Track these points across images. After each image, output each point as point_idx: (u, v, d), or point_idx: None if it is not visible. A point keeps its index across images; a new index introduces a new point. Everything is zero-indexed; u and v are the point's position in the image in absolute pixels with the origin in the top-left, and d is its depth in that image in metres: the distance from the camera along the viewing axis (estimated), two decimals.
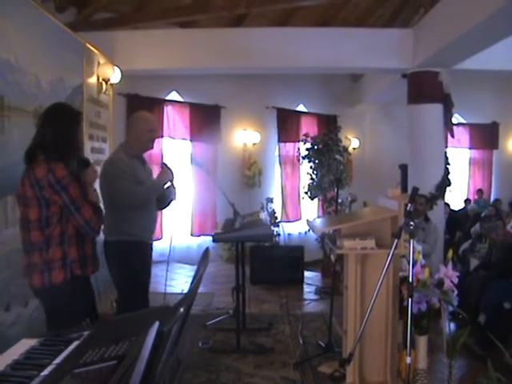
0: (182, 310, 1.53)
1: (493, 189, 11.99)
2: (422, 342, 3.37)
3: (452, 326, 4.05)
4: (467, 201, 11.17)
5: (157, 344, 1.35)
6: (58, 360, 1.50)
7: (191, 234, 9.31)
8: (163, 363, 1.36)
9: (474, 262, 5.86)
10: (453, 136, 7.46)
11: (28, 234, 2.62)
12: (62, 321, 2.40)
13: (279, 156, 10.44)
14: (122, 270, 3.45)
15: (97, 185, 3.02)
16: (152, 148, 3.71)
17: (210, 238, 4.20)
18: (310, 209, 10.41)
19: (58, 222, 2.60)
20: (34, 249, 2.60)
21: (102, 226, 3.37)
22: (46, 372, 1.42)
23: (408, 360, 2.68)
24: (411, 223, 2.66)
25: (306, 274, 7.47)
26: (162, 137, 8.80)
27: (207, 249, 2.12)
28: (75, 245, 2.65)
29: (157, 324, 1.38)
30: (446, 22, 6.01)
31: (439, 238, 6.16)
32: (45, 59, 4.17)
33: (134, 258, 3.45)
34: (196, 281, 1.81)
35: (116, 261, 3.45)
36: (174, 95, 9.20)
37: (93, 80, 5.50)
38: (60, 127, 2.67)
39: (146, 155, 3.78)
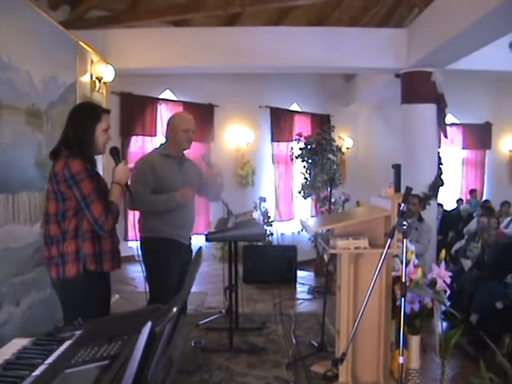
0: (174, 309, 1.52)
1: (485, 189, 12.03)
2: (415, 341, 3.38)
3: (444, 325, 4.08)
4: (460, 201, 11.20)
5: (149, 344, 1.34)
6: (49, 360, 1.49)
7: None
8: (156, 363, 1.36)
9: (466, 262, 5.86)
10: (446, 136, 7.48)
11: (48, 228, 2.68)
12: (76, 314, 2.40)
13: (272, 155, 10.43)
14: (146, 268, 3.49)
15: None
16: (189, 148, 3.74)
17: (203, 238, 4.19)
18: (303, 208, 10.40)
19: (73, 217, 2.64)
20: (53, 242, 2.66)
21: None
22: (37, 372, 1.41)
23: (400, 360, 2.68)
24: (404, 223, 2.67)
25: (299, 273, 7.48)
26: (155, 135, 8.80)
27: (200, 248, 2.12)
28: (90, 240, 2.66)
29: (149, 324, 1.37)
30: (439, 22, 6.02)
31: (432, 238, 6.18)
32: (38, 57, 4.15)
33: (156, 255, 3.50)
34: (189, 280, 1.80)
35: (143, 257, 3.54)
36: (167, 94, 9.17)
37: (86, 78, 5.48)
38: (79, 124, 2.72)
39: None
